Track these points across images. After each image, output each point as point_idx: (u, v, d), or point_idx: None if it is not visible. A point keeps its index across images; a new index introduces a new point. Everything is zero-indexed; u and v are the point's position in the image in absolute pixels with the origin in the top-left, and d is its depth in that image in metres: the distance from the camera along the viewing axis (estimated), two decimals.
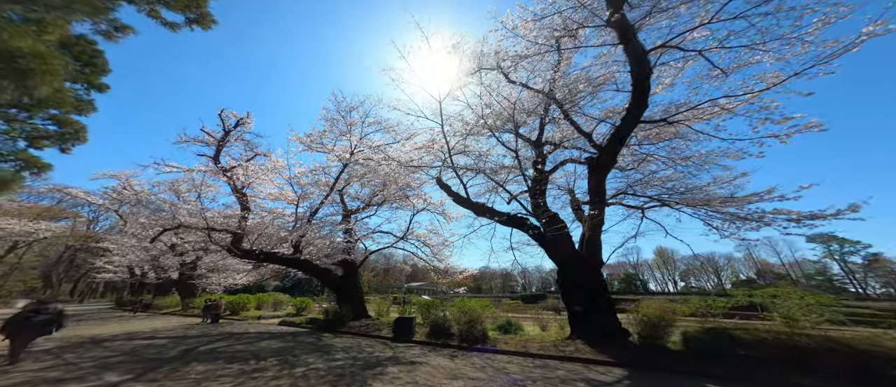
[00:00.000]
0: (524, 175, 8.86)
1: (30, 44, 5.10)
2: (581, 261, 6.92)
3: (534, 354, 6.22)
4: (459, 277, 15.43)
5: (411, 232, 14.69)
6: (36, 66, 5.28)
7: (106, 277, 29.88)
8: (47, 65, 5.43)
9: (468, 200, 8.41)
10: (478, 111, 8.21)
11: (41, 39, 5.60)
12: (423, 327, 10.28)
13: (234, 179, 13.16)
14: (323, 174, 14.19)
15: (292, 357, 6.46)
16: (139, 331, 11.58)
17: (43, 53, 5.41)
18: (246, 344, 8.25)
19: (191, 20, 8.44)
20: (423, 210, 14.64)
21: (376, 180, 13.67)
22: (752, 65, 5.95)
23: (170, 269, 23.82)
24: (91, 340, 9.52)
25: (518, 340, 7.42)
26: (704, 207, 6.13)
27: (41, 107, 12.29)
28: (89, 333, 11.22)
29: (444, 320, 8.70)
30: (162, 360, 6.48)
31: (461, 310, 8.36)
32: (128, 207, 22.65)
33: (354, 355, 6.76)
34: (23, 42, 4.99)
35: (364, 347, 7.90)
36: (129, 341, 9.05)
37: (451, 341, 7.98)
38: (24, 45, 4.99)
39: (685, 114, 6.27)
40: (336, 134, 13.30)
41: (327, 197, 13.72)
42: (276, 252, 13.71)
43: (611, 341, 6.25)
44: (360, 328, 11.08)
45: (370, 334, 10.16)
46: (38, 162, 12.73)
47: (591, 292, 6.59)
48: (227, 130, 13.17)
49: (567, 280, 7.08)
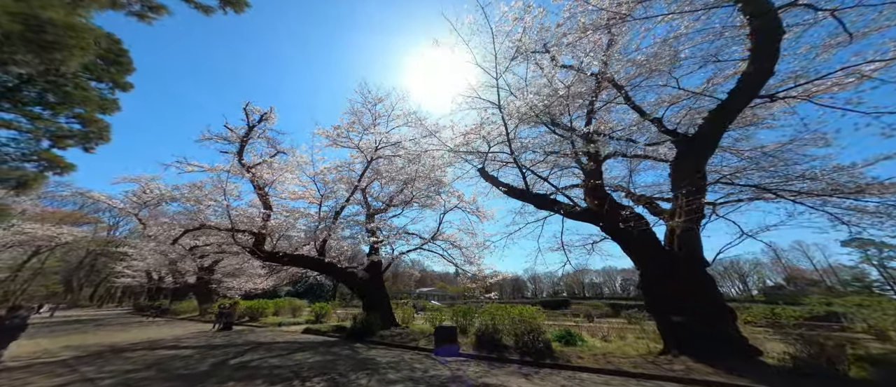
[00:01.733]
0: (581, 166, 7.87)
1: (61, 15, 4.57)
2: (674, 261, 5.82)
3: (631, 373, 5.10)
4: (491, 281, 14.34)
5: (441, 233, 13.74)
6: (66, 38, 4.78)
7: (125, 281, 29.89)
8: (78, 38, 4.92)
9: (526, 192, 7.39)
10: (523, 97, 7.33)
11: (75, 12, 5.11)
12: (466, 337, 9.27)
13: (257, 177, 12.56)
14: (347, 171, 13.45)
15: (340, 377, 5.54)
16: (161, 339, 10.90)
17: (75, 26, 4.88)
18: (280, 357, 7.39)
19: (225, 2, 7.84)
20: (453, 209, 13.71)
21: (401, 177, 12.84)
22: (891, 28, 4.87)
23: (187, 273, 23.47)
24: (111, 349, 8.84)
25: (592, 353, 6.33)
26: (834, 195, 4.97)
27: (67, 104, 11.99)
28: (109, 340, 10.60)
29: (494, 330, 7.67)
30: (193, 377, 5.66)
31: (517, 317, 7.34)
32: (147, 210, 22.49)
33: (408, 374, 5.80)
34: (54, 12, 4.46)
35: (410, 361, 6.94)
36: (151, 351, 8.32)
37: (509, 355, 6.93)
38: (54, 15, 4.45)
39: (803, 87, 5.20)
40: (362, 128, 12.58)
41: (352, 194, 12.94)
42: (300, 254, 12.98)
43: (732, 359, 5.02)
44: (393, 338, 10.12)
45: (406, 345, 9.19)
46: (61, 162, 12.42)
47: (696, 297, 5.47)
48: (252, 126, 12.61)
49: (654, 283, 5.99)
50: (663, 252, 6.17)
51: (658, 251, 6.21)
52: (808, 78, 5.25)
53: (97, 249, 40.33)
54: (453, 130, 8.63)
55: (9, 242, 20.36)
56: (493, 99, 6.79)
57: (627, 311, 18.27)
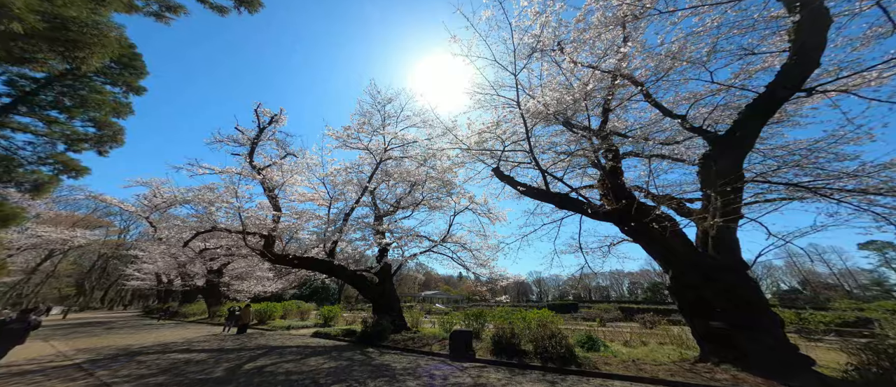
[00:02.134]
0: (599, 166, 7.63)
1: (85, 13, 4.57)
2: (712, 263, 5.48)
3: (669, 382, 4.76)
4: (502, 284, 14.08)
5: (451, 236, 13.54)
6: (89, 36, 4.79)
7: (135, 284, 30.19)
8: (101, 36, 4.93)
9: (547, 192, 7.16)
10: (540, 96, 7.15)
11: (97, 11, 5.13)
12: (480, 342, 9.04)
13: (268, 179, 12.53)
14: (356, 173, 13.36)
15: (358, 385, 5.36)
16: (172, 342, 10.85)
17: (98, 24, 4.90)
18: (294, 362, 7.24)
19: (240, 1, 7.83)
20: (464, 210, 13.51)
21: (411, 179, 12.72)
22: None
23: (196, 276, 23.59)
24: (124, 351, 8.79)
25: (620, 360, 6.05)
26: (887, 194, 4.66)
27: (83, 108, 12.14)
28: (121, 342, 10.58)
29: (511, 334, 7.43)
30: (207, 383, 5.53)
31: (534, 321, 7.10)
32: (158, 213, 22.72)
33: (427, 381, 5.60)
34: (76, 11, 4.47)
35: (427, 368, 6.73)
36: (164, 354, 8.24)
37: (529, 361, 6.69)
38: (77, 13, 4.46)
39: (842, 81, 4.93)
40: (372, 129, 12.51)
41: (361, 196, 12.83)
42: (310, 257, 12.89)
43: (783, 370, 4.60)
44: (405, 343, 9.90)
45: (420, 350, 8.98)
46: (75, 165, 12.56)
47: (737, 302, 5.15)
48: (262, 127, 12.61)
49: (688, 287, 5.70)
50: (699, 254, 5.87)
51: (694, 253, 5.90)
52: (850, 70, 4.97)
53: (108, 252, 40.91)
54: (470, 129, 8.46)
55: (23, 245, 20.68)
56: (511, 96, 6.63)
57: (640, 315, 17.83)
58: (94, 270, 43.45)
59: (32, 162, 11.82)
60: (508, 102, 6.66)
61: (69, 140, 12.23)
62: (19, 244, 20.22)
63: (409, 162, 13.06)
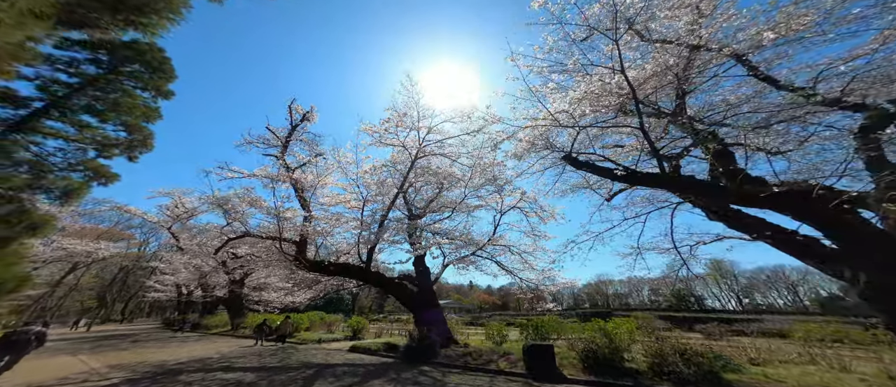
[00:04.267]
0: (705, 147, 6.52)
1: None
2: None
3: None
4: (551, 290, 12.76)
5: (496, 238, 12.42)
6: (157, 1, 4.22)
7: (155, 295, 29.90)
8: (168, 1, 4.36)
9: (662, 176, 5.87)
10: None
11: None
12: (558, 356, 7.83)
13: (300, 180, 11.79)
14: (387, 173, 12.33)
15: None
16: (207, 357, 10.00)
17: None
18: (352, 386, 6.23)
19: None
20: (509, 210, 12.44)
21: (450, 176, 11.72)
22: None
23: (216, 286, 22.99)
24: (160, 368, 7.95)
25: None
26: None
27: (115, 112, 11.75)
28: (154, 358, 9.78)
29: (611, 349, 6.26)
30: None
31: (647, 333, 5.94)
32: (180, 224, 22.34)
33: None
34: None
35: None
36: (205, 372, 7.36)
37: (645, 381, 5.51)
38: None
39: None
40: (408, 125, 11.50)
41: (397, 197, 11.86)
42: (346, 263, 12.01)
43: None
44: (463, 360, 8.74)
45: (486, 369, 7.84)
46: (106, 171, 12.09)
47: None
48: (295, 125, 11.97)
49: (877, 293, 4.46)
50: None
51: None
52: None
53: (129, 264, 41.13)
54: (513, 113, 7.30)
55: (48, 257, 20.49)
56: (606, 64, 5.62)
57: (701, 324, 16.23)
58: (116, 283, 43.71)
59: (63, 168, 11.37)
60: (607, 70, 5.65)
61: (100, 145, 11.80)
62: (45, 257, 20.02)
63: (440, 160, 12.07)
